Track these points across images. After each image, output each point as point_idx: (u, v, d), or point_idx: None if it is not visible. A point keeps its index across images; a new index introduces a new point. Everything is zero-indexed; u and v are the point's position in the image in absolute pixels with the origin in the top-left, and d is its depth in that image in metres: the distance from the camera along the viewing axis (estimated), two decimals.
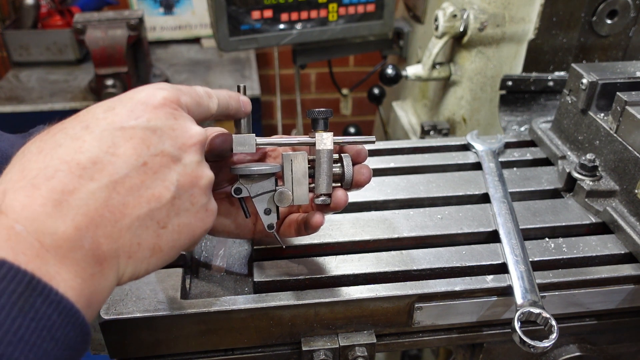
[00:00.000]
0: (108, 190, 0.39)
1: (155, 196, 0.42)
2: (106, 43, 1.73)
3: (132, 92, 0.44)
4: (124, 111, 0.42)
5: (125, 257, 0.41)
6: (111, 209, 0.39)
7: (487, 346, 0.78)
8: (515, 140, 1.01)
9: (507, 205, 0.80)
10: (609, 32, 1.14)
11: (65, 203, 0.37)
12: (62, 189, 0.37)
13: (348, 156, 0.63)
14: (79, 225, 0.37)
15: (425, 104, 1.43)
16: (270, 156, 0.67)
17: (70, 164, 0.38)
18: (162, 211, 0.42)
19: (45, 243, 0.36)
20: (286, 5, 1.33)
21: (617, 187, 0.82)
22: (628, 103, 0.80)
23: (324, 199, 0.61)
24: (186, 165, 0.45)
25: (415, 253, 0.74)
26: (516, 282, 0.68)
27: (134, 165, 0.41)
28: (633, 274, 0.72)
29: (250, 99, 0.60)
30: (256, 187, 0.61)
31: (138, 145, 0.41)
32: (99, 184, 0.38)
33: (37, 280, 0.34)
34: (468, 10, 1.14)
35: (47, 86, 2.01)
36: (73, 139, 0.39)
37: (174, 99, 0.45)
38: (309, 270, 0.71)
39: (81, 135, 0.40)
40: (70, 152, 0.38)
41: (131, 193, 0.40)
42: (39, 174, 0.37)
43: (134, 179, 0.40)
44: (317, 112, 0.60)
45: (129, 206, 0.40)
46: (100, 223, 0.38)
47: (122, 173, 0.40)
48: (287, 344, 0.71)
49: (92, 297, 0.39)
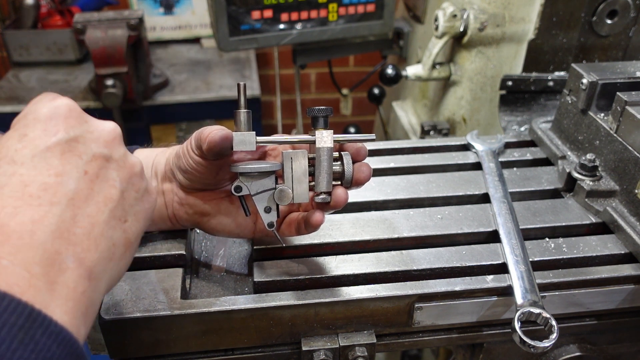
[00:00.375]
0: (70, 208, 0.40)
1: (107, 197, 0.43)
2: (106, 43, 1.73)
3: (32, 112, 0.43)
4: (38, 133, 0.42)
5: (107, 262, 0.42)
6: (80, 224, 0.40)
7: (487, 346, 0.78)
8: (515, 140, 1.01)
9: (507, 205, 0.80)
10: (609, 32, 1.14)
11: (39, 232, 0.37)
12: (30, 220, 0.38)
13: (348, 154, 0.62)
14: (59, 249, 0.38)
15: (425, 104, 1.43)
16: (271, 155, 0.67)
17: (24, 198, 0.38)
18: (119, 208, 0.44)
19: (34, 272, 0.36)
20: (286, 5, 1.33)
21: (617, 187, 0.82)
22: (628, 103, 0.80)
23: (324, 197, 0.61)
24: (117, 159, 0.46)
25: (415, 253, 0.74)
26: (516, 282, 0.68)
27: (77, 177, 0.41)
28: (633, 274, 0.72)
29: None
30: (256, 185, 0.61)
31: (71, 158, 0.42)
32: (60, 206, 0.39)
33: (37, 312, 0.35)
34: (468, 10, 1.14)
35: (47, 86, 2.01)
36: (9, 176, 0.39)
37: (73, 105, 0.45)
38: (309, 270, 0.71)
39: (15, 170, 0.40)
40: (17, 188, 0.39)
41: (89, 203, 0.41)
42: (1, 215, 0.37)
43: (84, 189, 0.41)
44: (317, 110, 0.60)
45: (93, 215, 0.41)
46: (77, 240, 0.39)
47: (72, 188, 0.40)
48: (287, 344, 0.71)
49: (87, 314, 0.39)
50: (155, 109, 1.97)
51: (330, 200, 0.62)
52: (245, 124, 0.60)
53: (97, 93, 1.83)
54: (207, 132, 0.59)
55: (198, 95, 1.98)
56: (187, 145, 0.63)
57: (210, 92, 1.99)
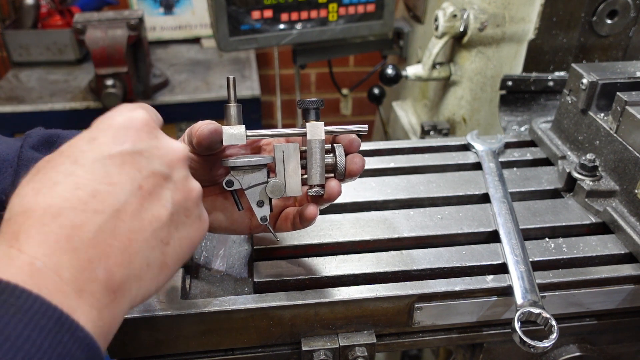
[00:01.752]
0: (113, 220, 0.40)
1: (155, 216, 0.43)
2: (106, 43, 1.73)
3: (109, 117, 0.44)
4: (107, 139, 0.42)
5: (136, 281, 0.41)
6: (119, 238, 0.40)
7: (487, 346, 0.78)
8: (516, 140, 1.01)
9: (507, 205, 0.80)
10: (609, 32, 1.14)
11: (76, 237, 0.38)
12: (70, 224, 0.38)
13: (340, 146, 0.62)
14: (91, 258, 0.38)
15: (425, 104, 1.43)
16: (265, 150, 0.67)
17: (72, 200, 0.39)
18: (164, 229, 0.44)
19: (64, 277, 0.37)
20: (286, 5, 1.33)
21: (617, 187, 0.82)
22: (628, 103, 0.80)
23: (317, 190, 0.61)
24: (176, 181, 0.46)
25: (416, 253, 0.74)
26: (516, 282, 0.68)
27: (131, 190, 0.41)
28: (633, 274, 0.72)
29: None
30: (248, 179, 0.60)
31: (130, 170, 0.42)
32: (103, 216, 0.39)
33: (65, 316, 0.35)
34: (468, 10, 1.14)
35: (47, 86, 2.01)
36: (66, 175, 0.40)
37: (149, 119, 0.46)
38: (309, 270, 0.71)
39: (73, 171, 0.40)
40: (69, 188, 0.39)
41: (134, 218, 0.41)
42: (45, 213, 0.38)
43: (133, 204, 0.41)
44: (308, 102, 0.59)
45: (135, 231, 0.41)
46: (111, 253, 0.39)
47: (122, 200, 0.41)
48: (287, 344, 0.71)
49: (108, 328, 0.40)
50: (155, 109, 1.98)
51: (324, 193, 0.61)
52: (235, 117, 0.59)
53: (97, 93, 1.83)
54: (197, 127, 0.59)
55: (198, 95, 1.98)
56: (180, 141, 0.63)
57: (210, 92, 1.99)
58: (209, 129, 0.58)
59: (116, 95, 1.75)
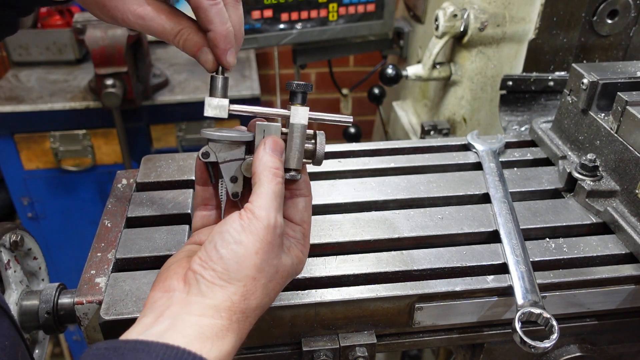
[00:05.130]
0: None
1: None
2: (106, 43, 1.73)
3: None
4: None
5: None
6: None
7: (488, 346, 0.77)
8: (516, 140, 1.01)
9: (508, 206, 0.80)
10: (609, 32, 1.14)
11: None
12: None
13: (323, 134, 0.61)
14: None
15: (426, 103, 1.43)
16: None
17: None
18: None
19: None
20: (286, 5, 1.33)
21: (618, 187, 0.82)
22: (629, 103, 0.79)
23: (293, 175, 0.59)
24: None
25: (416, 253, 0.74)
26: (517, 282, 0.68)
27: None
28: (634, 274, 0.72)
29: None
30: (225, 154, 0.60)
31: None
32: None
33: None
34: (468, 10, 1.14)
35: (47, 86, 2.01)
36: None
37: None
38: (309, 270, 0.71)
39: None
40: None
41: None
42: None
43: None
44: (295, 84, 0.58)
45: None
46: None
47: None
48: (287, 344, 0.71)
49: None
50: (155, 109, 1.97)
51: (300, 177, 0.60)
52: (221, 90, 0.58)
53: (97, 93, 1.83)
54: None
55: (198, 95, 1.98)
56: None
57: None
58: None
59: (116, 95, 1.75)
